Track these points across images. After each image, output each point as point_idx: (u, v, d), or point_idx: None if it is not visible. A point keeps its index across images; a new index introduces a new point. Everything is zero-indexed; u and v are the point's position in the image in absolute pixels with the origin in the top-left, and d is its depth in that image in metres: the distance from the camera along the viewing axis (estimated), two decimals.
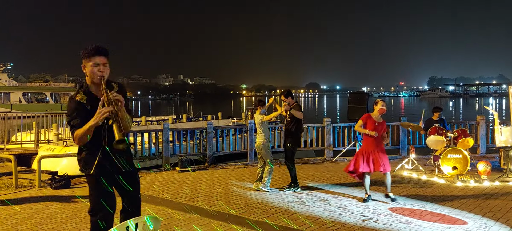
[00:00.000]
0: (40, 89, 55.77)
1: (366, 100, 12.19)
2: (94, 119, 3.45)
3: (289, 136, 8.23)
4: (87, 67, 3.63)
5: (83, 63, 3.66)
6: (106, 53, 3.67)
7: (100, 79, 3.59)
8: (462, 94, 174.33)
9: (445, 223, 5.96)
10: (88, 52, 3.62)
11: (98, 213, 3.67)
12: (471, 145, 9.91)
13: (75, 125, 3.57)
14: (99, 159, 3.64)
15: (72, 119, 3.60)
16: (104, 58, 3.65)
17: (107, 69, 3.67)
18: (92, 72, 3.61)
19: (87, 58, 3.62)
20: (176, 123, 22.06)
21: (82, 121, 3.55)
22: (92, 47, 3.62)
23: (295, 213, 6.52)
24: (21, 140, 14.59)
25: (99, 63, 3.61)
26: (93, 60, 3.60)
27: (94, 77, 3.62)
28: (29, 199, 7.65)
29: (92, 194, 3.72)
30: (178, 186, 8.67)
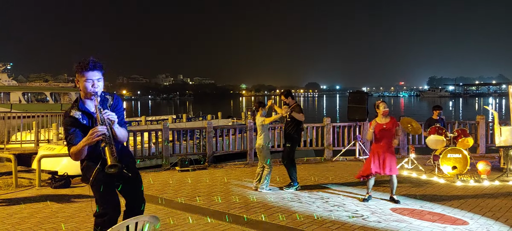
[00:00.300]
0: (40, 89, 55.77)
1: (366, 100, 12.19)
2: (87, 139, 3.45)
3: (289, 137, 8.25)
4: (81, 82, 3.60)
5: (77, 78, 3.63)
6: (100, 68, 3.62)
7: (93, 97, 3.58)
8: (462, 94, 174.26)
9: (445, 223, 5.97)
10: (81, 67, 3.56)
11: (102, 216, 3.71)
12: (471, 145, 9.92)
13: (71, 141, 3.59)
14: (98, 170, 3.65)
15: (68, 135, 3.62)
16: (98, 73, 3.61)
17: (101, 84, 3.64)
18: (86, 88, 3.58)
19: (80, 74, 3.58)
20: (176, 122, 22.07)
21: (77, 137, 3.57)
22: (85, 63, 3.56)
23: (294, 213, 6.53)
24: (21, 140, 14.60)
25: (93, 79, 3.57)
26: (86, 76, 3.56)
27: (87, 94, 3.61)
28: (29, 198, 7.66)
29: (96, 198, 3.76)
30: (178, 185, 8.67)
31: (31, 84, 62.01)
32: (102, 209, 3.72)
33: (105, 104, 3.69)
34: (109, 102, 3.74)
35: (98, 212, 3.74)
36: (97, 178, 3.66)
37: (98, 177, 3.66)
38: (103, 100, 3.68)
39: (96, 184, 3.69)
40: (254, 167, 10.59)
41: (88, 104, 3.68)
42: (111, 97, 3.77)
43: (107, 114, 3.51)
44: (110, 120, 3.51)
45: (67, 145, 3.64)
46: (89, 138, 3.43)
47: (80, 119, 3.63)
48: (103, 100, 3.68)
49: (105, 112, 3.52)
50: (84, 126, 3.62)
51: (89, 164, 3.68)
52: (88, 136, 3.44)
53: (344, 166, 10.95)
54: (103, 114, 3.50)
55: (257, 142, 8.11)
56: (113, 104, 3.75)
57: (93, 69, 3.57)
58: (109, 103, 3.73)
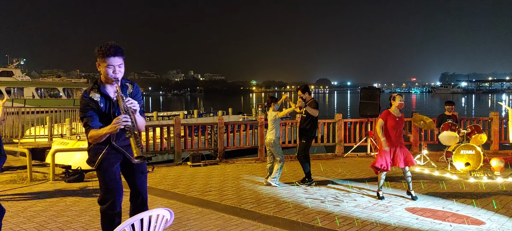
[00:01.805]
0: (53, 84, 56.32)
1: (378, 96, 12.12)
2: (110, 128, 3.46)
3: (304, 132, 8.24)
4: (102, 67, 3.60)
5: (98, 62, 3.62)
6: (121, 53, 3.61)
7: (114, 82, 3.58)
8: (475, 90, 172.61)
9: (460, 222, 5.94)
10: (103, 52, 3.55)
11: (105, 202, 3.75)
12: (484, 141, 9.83)
13: (88, 123, 3.60)
14: (104, 154, 3.69)
15: (84, 115, 3.62)
16: (119, 59, 3.60)
17: (122, 69, 3.64)
18: (107, 73, 3.58)
19: (102, 58, 3.57)
20: (187, 118, 22.16)
21: (94, 119, 3.59)
22: (107, 48, 3.55)
23: (306, 208, 6.54)
24: (35, 135, 14.77)
25: (114, 65, 3.57)
26: (108, 62, 3.55)
27: (108, 79, 3.61)
28: (43, 192, 7.76)
29: (100, 184, 3.80)
30: (190, 180, 8.72)
31: (44, 80, 62.58)
32: (104, 195, 3.76)
33: (125, 92, 3.70)
34: (129, 90, 3.74)
35: (101, 198, 3.79)
36: (102, 163, 3.70)
37: (103, 162, 3.70)
38: (123, 87, 3.69)
39: (101, 168, 3.72)
40: (265, 162, 10.61)
41: (108, 89, 3.69)
42: (131, 85, 3.78)
43: (129, 103, 3.51)
44: (133, 109, 3.53)
45: (85, 126, 3.63)
46: (113, 127, 3.44)
47: (99, 102, 3.64)
48: (123, 87, 3.69)
49: (128, 100, 3.52)
50: (101, 109, 3.63)
51: (97, 147, 3.70)
52: (112, 125, 3.44)
53: (355, 162, 10.92)
54: (126, 103, 3.50)
55: (268, 137, 8.13)
56: (133, 92, 3.77)
57: (115, 55, 3.56)
58: (128, 90, 3.74)
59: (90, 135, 3.58)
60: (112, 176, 3.74)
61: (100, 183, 3.80)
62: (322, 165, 10.48)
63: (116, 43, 3.62)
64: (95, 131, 3.55)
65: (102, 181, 3.76)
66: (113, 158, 3.70)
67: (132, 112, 3.51)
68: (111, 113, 3.64)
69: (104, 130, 3.51)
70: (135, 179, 3.85)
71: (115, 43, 3.62)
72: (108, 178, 3.73)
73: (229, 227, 5.64)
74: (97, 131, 3.54)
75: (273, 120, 8.07)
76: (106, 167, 3.71)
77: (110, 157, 3.69)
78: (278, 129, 8.12)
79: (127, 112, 3.47)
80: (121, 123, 3.41)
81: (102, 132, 3.51)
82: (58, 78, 65.14)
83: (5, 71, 50.93)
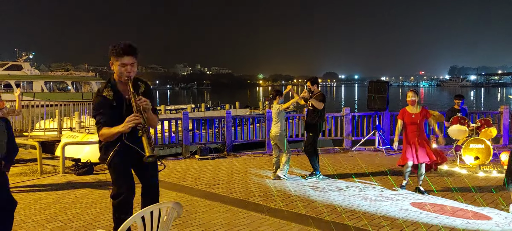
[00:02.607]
0: (62, 78, 56.61)
1: (386, 89, 12.08)
2: (122, 127, 3.49)
3: (311, 126, 8.21)
4: (115, 65, 3.64)
5: (111, 60, 3.66)
6: (134, 52, 3.65)
7: (127, 81, 3.61)
8: (484, 84, 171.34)
9: (468, 218, 5.93)
10: (116, 51, 3.59)
11: (118, 196, 3.80)
12: (494, 135, 9.78)
13: (100, 121, 3.64)
14: (115, 151, 3.73)
15: (97, 114, 3.66)
16: (133, 58, 3.63)
17: (135, 68, 3.68)
18: (120, 72, 3.62)
19: (115, 57, 3.61)
20: (194, 112, 22.21)
21: (107, 118, 3.63)
22: (121, 47, 3.59)
23: (314, 202, 6.55)
24: (45, 128, 14.89)
25: (127, 64, 3.60)
26: (121, 60, 3.59)
27: (121, 77, 3.65)
28: (54, 184, 7.84)
29: (113, 179, 3.86)
30: (198, 173, 8.76)
31: (53, 73, 62.96)
32: (117, 189, 3.81)
33: (137, 91, 3.73)
34: (141, 89, 3.78)
35: (114, 193, 3.83)
36: (113, 159, 3.74)
37: (115, 158, 3.74)
38: (136, 86, 3.72)
39: (112, 165, 3.77)
40: (273, 156, 10.63)
41: (121, 87, 3.72)
42: (143, 84, 3.82)
43: (142, 101, 3.54)
44: (145, 108, 3.56)
45: (97, 124, 3.68)
46: (125, 125, 3.47)
47: (112, 100, 3.67)
48: (136, 86, 3.72)
49: (140, 98, 3.55)
50: (114, 108, 3.67)
51: (108, 144, 3.74)
52: (124, 123, 3.47)
53: (363, 156, 10.91)
54: (138, 101, 3.53)
55: (273, 130, 8.12)
56: (144, 91, 3.80)
57: (128, 54, 3.60)
58: (141, 89, 3.77)
59: (102, 133, 3.62)
60: (124, 171, 3.79)
61: (112, 178, 3.85)
62: (330, 158, 10.48)
63: (129, 42, 3.65)
64: (107, 129, 3.59)
65: (114, 176, 3.82)
66: (125, 154, 3.73)
67: (144, 110, 3.54)
68: (124, 111, 3.67)
69: (116, 129, 3.54)
70: (147, 175, 3.89)
71: (128, 42, 3.65)
72: (120, 174, 3.78)
73: (237, 220, 5.68)
74: (109, 129, 3.58)
75: (277, 113, 8.06)
76: (118, 162, 3.75)
77: (122, 153, 3.73)
78: (282, 121, 8.10)
79: (139, 111, 3.51)
80: (132, 121, 3.45)
81: (114, 130, 3.55)
82: (66, 72, 65.54)
83: (14, 65, 51.26)
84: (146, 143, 3.42)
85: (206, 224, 5.49)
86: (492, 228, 5.33)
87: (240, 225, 5.47)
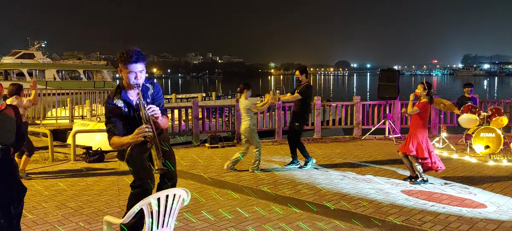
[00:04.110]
0: (74, 67, 56.96)
1: (397, 78, 11.99)
2: (132, 138, 3.52)
3: (296, 116, 8.08)
4: (124, 73, 3.66)
5: (120, 67, 3.69)
6: (143, 59, 3.67)
7: (135, 88, 3.65)
8: (498, 72, 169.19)
9: (473, 205, 5.90)
10: (124, 59, 3.61)
11: (139, 187, 3.88)
12: (505, 124, 9.68)
13: (111, 129, 3.68)
14: (131, 148, 3.78)
15: (108, 122, 3.71)
16: (141, 65, 3.66)
17: (143, 75, 3.70)
18: (128, 79, 3.65)
19: (123, 65, 3.63)
20: (205, 100, 22.27)
21: (118, 126, 3.68)
22: (129, 55, 3.60)
23: (322, 190, 6.56)
24: (56, 116, 15.05)
25: (136, 71, 3.62)
26: (130, 68, 3.61)
27: (130, 86, 3.69)
28: (65, 171, 7.94)
29: (133, 172, 3.93)
30: (208, 161, 8.81)
31: (65, 62, 63.41)
32: (137, 180, 3.90)
33: (147, 94, 3.77)
34: (150, 91, 3.82)
35: (134, 184, 3.92)
36: (131, 155, 3.82)
37: (132, 153, 3.81)
38: (144, 89, 3.76)
39: (131, 160, 3.85)
40: (282, 144, 10.67)
41: (130, 94, 3.76)
42: (151, 85, 3.85)
43: (151, 111, 3.56)
44: (154, 117, 3.58)
45: (108, 133, 3.72)
46: (134, 137, 3.51)
47: (122, 107, 3.72)
48: (144, 89, 3.76)
49: (149, 108, 3.57)
50: (125, 115, 3.73)
51: None
52: (133, 135, 3.51)
53: (373, 144, 10.87)
54: (147, 111, 3.55)
55: (242, 125, 7.75)
56: (154, 93, 3.85)
57: (136, 61, 3.62)
58: (150, 92, 3.81)
59: (112, 141, 3.68)
60: (143, 163, 3.85)
61: (132, 171, 3.93)
62: (340, 147, 10.46)
63: (137, 49, 3.67)
64: (117, 139, 3.64)
65: (134, 169, 3.90)
66: (142, 147, 3.76)
67: (153, 121, 3.57)
68: (135, 117, 3.72)
69: (125, 139, 3.59)
70: None
71: (136, 49, 3.67)
72: (140, 166, 3.86)
73: (246, 207, 5.71)
74: (119, 138, 3.63)
75: (245, 109, 7.69)
76: (136, 155, 3.82)
77: (139, 147, 3.76)
78: (252, 116, 7.77)
79: (148, 122, 3.53)
80: (142, 134, 3.48)
81: (124, 140, 3.60)
82: (78, 61, 65.90)
83: (26, 53, 51.67)
84: (155, 155, 3.45)
85: (215, 211, 5.53)
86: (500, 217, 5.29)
87: (249, 212, 5.50)
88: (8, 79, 44.69)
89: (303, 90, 7.96)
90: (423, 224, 5.06)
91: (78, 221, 5.22)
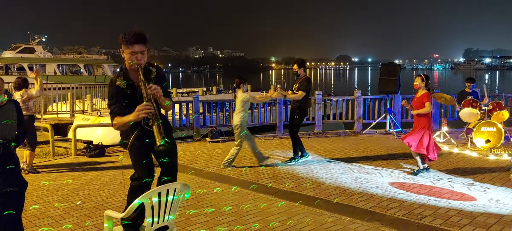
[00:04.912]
0: (74, 61, 56.92)
1: (398, 72, 11.97)
2: (133, 116, 3.53)
3: (297, 110, 8.04)
4: (126, 53, 3.67)
5: (122, 48, 3.70)
6: (144, 40, 3.67)
7: (137, 68, 3.64)
8: (499, 67, 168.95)
9: (471, 200, 5.90)
10: (126, 39, 3.62)
11: (138, 179, 3.88)
12: (506, 118, 9.67)
13: (115, 111, 3.69)
14: (136, 136, 3.78)
15: (112, 104, 3.72)
16: (143, 46, 3.66)
17: (145, 56, 3.70)
18: (130, 60, 3.65)
19: (125, 45, 3.64)
20: (206, 95, 22.26)
21: (120, 107, 3.67)
22: (131, 35, 3.62)
23: (323, 184, 6.57)
24: (57, 110, 15.05)
25: (137, 52, 3.63)
26: (132, 48, 3.62)
27: (132, 66, 3.68)
28: (65, 166, 7.96)
29: (133, 162, 3.92)
30: (209, 156, 8.82)
31: (66, 56, 63.36)
32: (137, 173, 3.90)
33: (149, 76, 3.76)
34: (153, 73, 3.81)
35: (134, 176, 3.92)
36: (134, 143, 3.81)
37: (135, 142, 3.80)
38: (147, 72, 3.75)
39: (133, 149, 3.83)
40: (283, 139, 10.68)
41: (133, 75, 3.76)
42: (154, 68, 3.84)
43: (152, 89, 3.56)
44: (156, 95, 3.59)
45: (111, 114, 3.74)
46: (135, 115, 3.52)
47: (125, 88, 3.71)
48: (147, 71, 3.76)
49: (150, 87, 3.57)
50: (128, 96, 3.71)
51: (127, 130, 3.79)
52: (135, 113, 3.52)
53: (374, 139, 10.87)
54: (148, 89, 3.56)
55: (235, 119, 7.61)
56: (157, 75, 3.83)
57: (138, 42, 3.62)
58: (153, 74, 3.80)
59: (115, 122, 3.69)
60: (145, 155, 3.85)
61: (132, 162, 3.92)
62: (341, 141, 10.47)
63: (139, 30, 3.67)
64: (119, 118, 3.65)
65: (135, 160, 3.89)
66: (144, 137, 3.77)
67: (154, 99, 3.57)
68: (138, 98, 3.71)
69: (127, 118, 3.60)
70: (166, 160, 3.92)
71: (138, 30, 3.67)
72: (140, 157, 3.84)
73: (246, 202, 5.72)
74: (121, 118, 3.64)
75: (243, 102, 7.54)
76: (138, 146, 3.82)
77: (142, 137, 3.77)
78: (247, 111, 7.67)
79: (150, 100, 3.54)
80: (143, 111, 3.49)
81: (126, 119, 3.61)
82: (79, 55, 65.89)
83: (27, 48, 51.64)
84: (157, 132, 3.45)
85: (216, 206, 5.55)
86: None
87: (249, 206, 5.51)
88: (9, 74, 44.68)
89: (305, 85, 7.95)
90: (423, 218, 5.07)
91: (79, 215, 5.23)
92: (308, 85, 7.98)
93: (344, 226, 4.86)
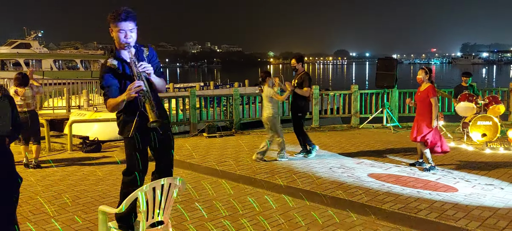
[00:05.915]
0: (71, 56, 56.69)
1: (395, 66, 11.96)
2: (125, 95, 3.46)
3: (298, 106, 8.05)
4: (114, 32, 3.58)
5: (111, 27, 3.61)
6: (133, 18, 3.58)
7: (127, 47, 3.56)
8: (496, 61, 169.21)
9: (466, 194, 5.91)
10: (114, 17, 3.53)
11: (130, 174, 3.78)
12: (502, 112, 9.69)
13: (106, 93, 3.61)
14: (136, 122, 3.65)
15: (103, 85, 3.63)
16: (131, 24, 3.57)
17: (134, 34, 3.61)
18: (119, 38, 3.57)
19: (113, 23, 3.55)
20: (203, 89, 22.23)
21: (113, 88, 3.59)
22: (118, 13, 3.53)
23: (319, 178, 6.57)
24: (53, 106, 15.01)
25: (125, 30, 3.55)
26: (120, 26, 3.53)
27: (121, 45, 3.60)
28: (61, 161, 7.94)
29: (128, 155, 3.80)
30: (206, 151, 8.80)
31: (62, 51, 63.12)
32: (130, 167, 3.80)
33: (142, 55, 3.68)
34: (145, 53, 3.73)
35: (126, 170, 3.83)
36: (136, 130, 3.67)
37: (138, 128, 3.67)
38: (138, 52, 3.68)
39: (131, 141, 3.70)
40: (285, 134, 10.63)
41: (124, 54, 3.67)
42: (146, 48, 3.76)
43: (142, 67, 3.50)
44: (146, 73, 3.53)
45: (104, 96, 3.67)
46: (127, 93, 3.44)
47: (117, 67, 3.63)
48: (139, 51, 3.68)
49: (140, 64, 3.51)
50: (120, 75, 3.64)
51: (126, 118, 3.70)
52: (126, 92, 3.45)
53: (370, 133, 10.88)
54: (138, 68, 3.50)
55: (264, 113, 7.71)
56: (149, 55, 3.75)
57: (125, 19, 3.54)
58: (145, 53, 3.72)
59: (108, 103, 3.60)
60: (141, 149, 3.74)
61: (126, 155, 3.82)
62: (337, 136, 10.47)
63: (127, 8, 3.59)
64: (112, 100, 3.57)
65: (129, 153, 3.77)
66: (142, 131, 3.69)
67: (145, 76, 3.52)
68: (130, 75, 3.64)
69: (120, 98, 3.51)
70: (162, 154, 3.87)
71: (126, 7, 3.58)
72: (136, 151, 3.74)
73: (243, 196, 5.71)
74: (114, 99, 3.56)
75: (268, 97, 7.67)
76: (138, 136, 3.70)
77: (140, 130, 3.69)
78: (275, 104, 7.73)
79: (140, 78, 3.49)
80: (134, 89, 3.43)
81: (119, 99, 3.52)
82: (75, 50, 65.61)
83: (23, 43, 51.36)
84: (149, 108, 3.40)
85: (212, 201, 5.54)
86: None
87: (246, 201, 5.51)
88: (5, 70, 44.47)
89: (308, 81, 7.93)
90: (419, 212, 5.08)
91: (75, 210, 5.22)
92: (309, 80, 7.98)
93: (341, 220, 4.86)
